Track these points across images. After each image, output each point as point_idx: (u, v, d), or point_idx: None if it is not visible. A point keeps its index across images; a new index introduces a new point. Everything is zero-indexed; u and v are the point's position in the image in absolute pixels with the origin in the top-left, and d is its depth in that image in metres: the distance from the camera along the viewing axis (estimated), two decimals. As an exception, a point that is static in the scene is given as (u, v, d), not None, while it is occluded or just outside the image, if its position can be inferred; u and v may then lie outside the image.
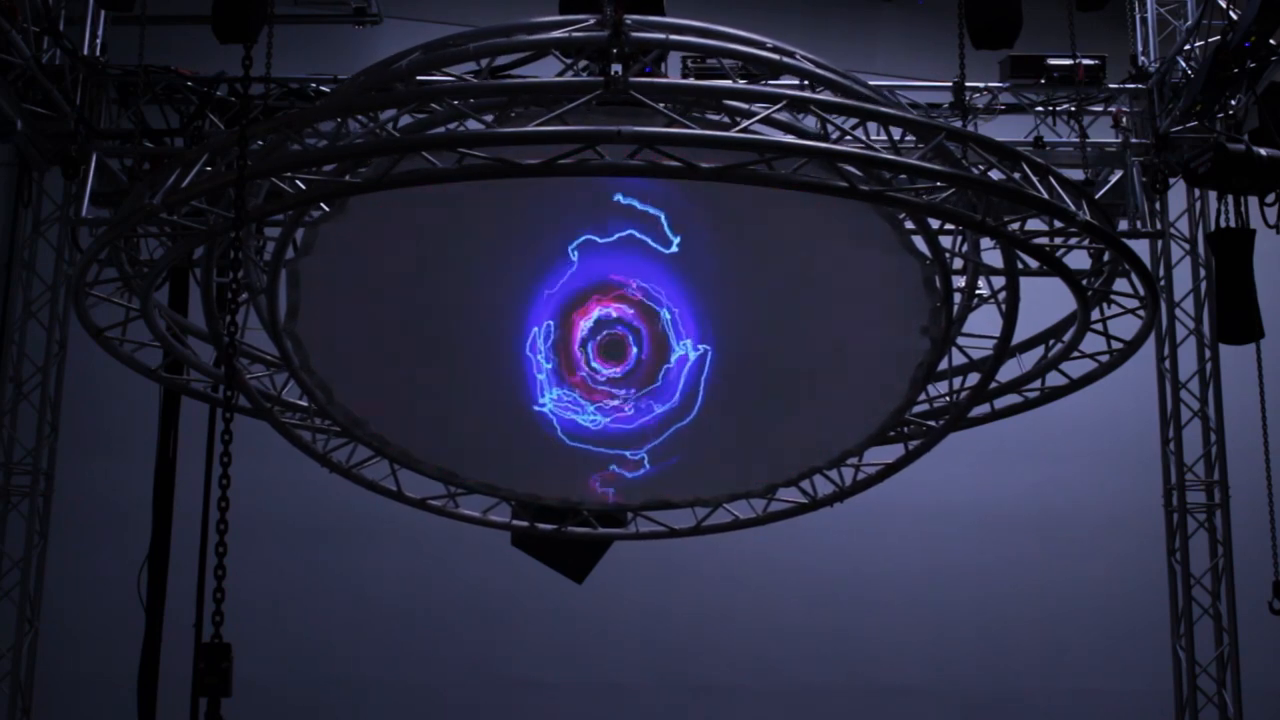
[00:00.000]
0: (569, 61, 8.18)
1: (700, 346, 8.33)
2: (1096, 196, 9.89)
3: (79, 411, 12.58)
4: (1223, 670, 11.43)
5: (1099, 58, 10.74)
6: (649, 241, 7.85)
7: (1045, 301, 9.00)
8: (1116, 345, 8.90)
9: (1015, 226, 7.24)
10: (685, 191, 7.46)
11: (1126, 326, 8.69)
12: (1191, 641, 11.53)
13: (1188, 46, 10.46)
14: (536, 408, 8.58)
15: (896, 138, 7.62)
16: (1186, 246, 11.94)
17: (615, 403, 8.58)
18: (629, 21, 7.08)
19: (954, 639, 14.57)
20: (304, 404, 9.34)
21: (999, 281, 8.19)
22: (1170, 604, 11.71)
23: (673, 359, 8.37)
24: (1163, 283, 11.79)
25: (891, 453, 9.43)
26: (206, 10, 9.19)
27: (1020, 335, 8.57)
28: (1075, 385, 9.16)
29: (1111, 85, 10.78)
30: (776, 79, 8.80)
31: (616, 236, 7.84)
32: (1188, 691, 11.49)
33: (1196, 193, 11.70)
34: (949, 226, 8.51)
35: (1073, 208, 7.05)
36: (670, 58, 8.58)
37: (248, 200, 6.41)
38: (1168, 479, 11.85)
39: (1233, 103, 10.32)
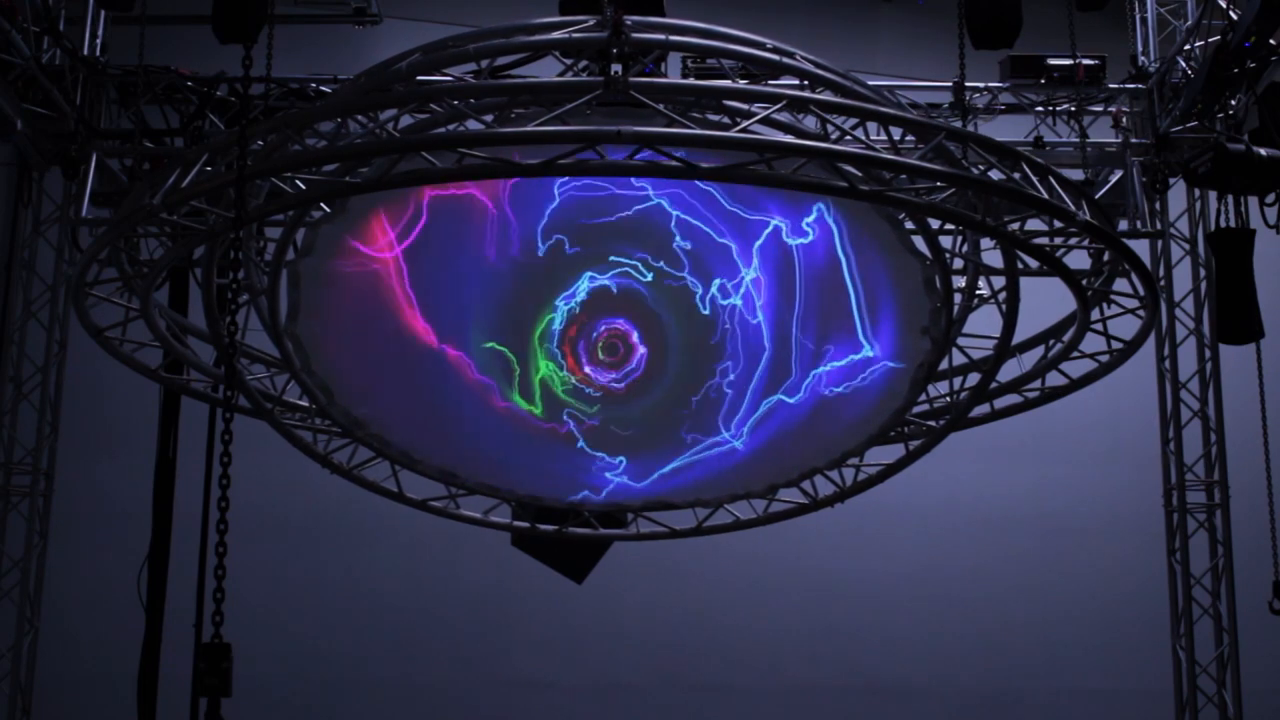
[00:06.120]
0: (569, 62, 8.18)
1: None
2: (1096, 196, 9.89)
3: (79, 411, 12.58)
4: (1223, 670, 11.42)
5: (1099, 58, 10.73)
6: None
7: (1045, 301, 9.01)
8: (1116, 345, 8.91)
9: (1015, 226, 7.25)
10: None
11: (1126, 326, 8.69)
12: (1191, 641, 11.52)
13: (1188, 46, 10.45)
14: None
15: (896, 138, 7.62)
16: (1186, 246, 11.93)
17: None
18: (629, 22, 7.09)
19: (954, 639, 14.57)
20: (304, 404, 9.33)
21: (999, 282, 8.20)
22: (1170, 604, 11.70)
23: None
24: (1163, 283, 11.78)
25: (892, 453, 9.43)
26: (206, 10, 9.20)
27: (1020, 335, 8.57)
28: (1075, 385, 9.17)
29: (1111, 85, 10.76)
30: (776, 79, 8.79)
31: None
32: (1188, 691, 11.49)
33: (1196, 193, 11.70)
34: (949, 227, 8.51)
35: (1073, 208, 7.05)
36: (670, 58, 8.57)
37: (248, 200, 6.41)
38: (1168, 479, 11.84)
39: (1233, 103, 10.30)
